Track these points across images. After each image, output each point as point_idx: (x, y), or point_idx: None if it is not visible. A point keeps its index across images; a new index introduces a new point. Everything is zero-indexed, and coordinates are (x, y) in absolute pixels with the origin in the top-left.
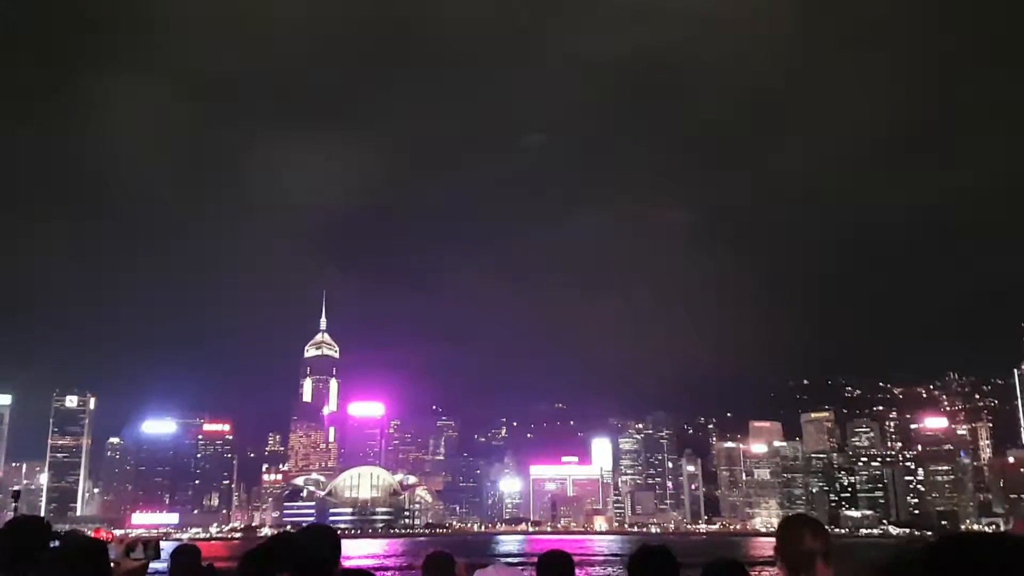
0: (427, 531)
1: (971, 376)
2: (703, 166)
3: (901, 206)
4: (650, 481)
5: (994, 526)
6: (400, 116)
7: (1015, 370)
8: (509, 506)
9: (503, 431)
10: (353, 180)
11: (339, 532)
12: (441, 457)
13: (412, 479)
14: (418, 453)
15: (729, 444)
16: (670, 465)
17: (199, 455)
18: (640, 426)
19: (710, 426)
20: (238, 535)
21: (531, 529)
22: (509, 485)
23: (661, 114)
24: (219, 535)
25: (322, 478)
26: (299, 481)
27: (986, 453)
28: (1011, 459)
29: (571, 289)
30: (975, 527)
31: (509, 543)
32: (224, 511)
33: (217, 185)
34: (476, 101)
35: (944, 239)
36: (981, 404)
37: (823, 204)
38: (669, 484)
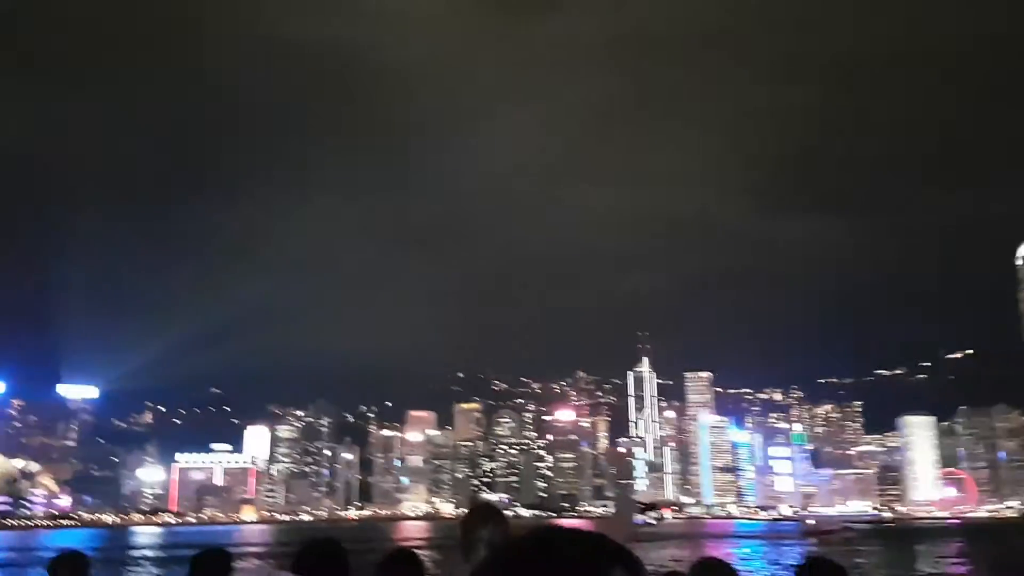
0: (50, 523)
1: (596, 376)
2: (393, 164)
3: (558, 222)
4: (307, 469)
5: (604, 507)
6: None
7: (629, 372)
8: (149, 496)
9: (147, 416)
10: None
11: None
12: (72, 443)
13: (35, 466)
14: (44, 438)
15: (387, 432)
16: (329, 453)
17: None
18: (301, 414)
19: (371, 415)
20: None
21: (173, 520)
22: (150, 474)
23: (354, 112)
24: None
25: None
26: None
27: (603, 443)
28: (621, 449)
29: (242, 276)
30: (590, 508)
31: (145, 535)
32: None
33: None
34: (169, 100)
35: (592, 256)
36: (602, 400)
37: (490, 213)
38: (326, 472)
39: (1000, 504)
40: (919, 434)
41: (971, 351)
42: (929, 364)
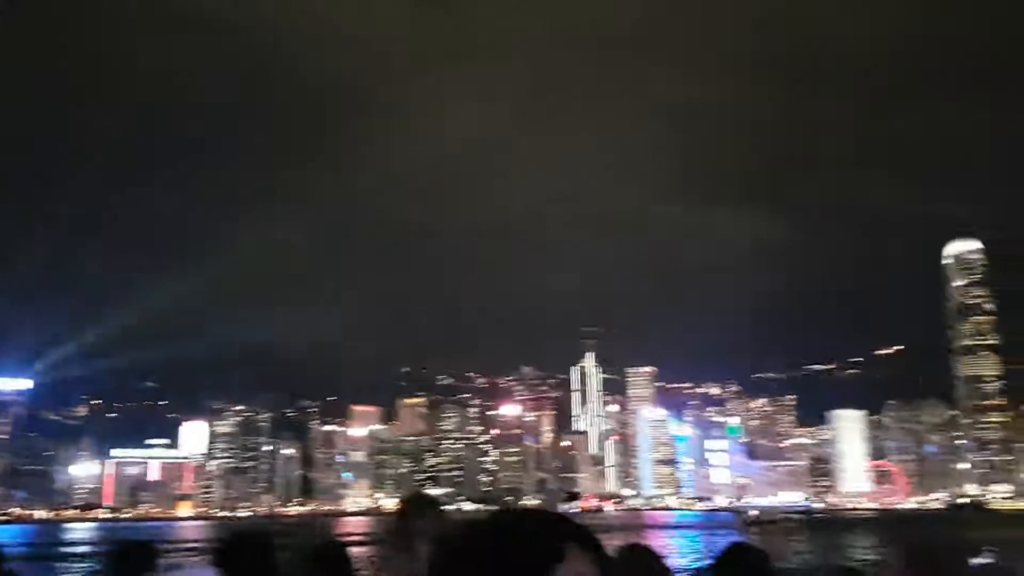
0: None
1: (541, 371)
2: (333, 166)
3: (502, 219)
4: (247, 464)
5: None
6: None
7: (574, 368)
8: (83, 491)
9: (82, 409)
10: None
11: None
12: (3, 436)
13: None
14: None
15: (329, 427)
16: (269, 448)
17: None
18: (240, 408)
19: (312, 410)
20: None
21: (107, 516)
22: (84, 468)
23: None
24: None
25: None
26: None
27: (548, 438)
28: (564, 443)
29: (182, 270)
30: (533, 502)
31: (78, 531)
32: None
33: None
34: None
35: (537, 253)
36: (547, 395)
37: (432, 211)
38: (266, 467)
39: (927, 496)
40: (849, 427)
41: (900, 347)
42: (860, 360)
